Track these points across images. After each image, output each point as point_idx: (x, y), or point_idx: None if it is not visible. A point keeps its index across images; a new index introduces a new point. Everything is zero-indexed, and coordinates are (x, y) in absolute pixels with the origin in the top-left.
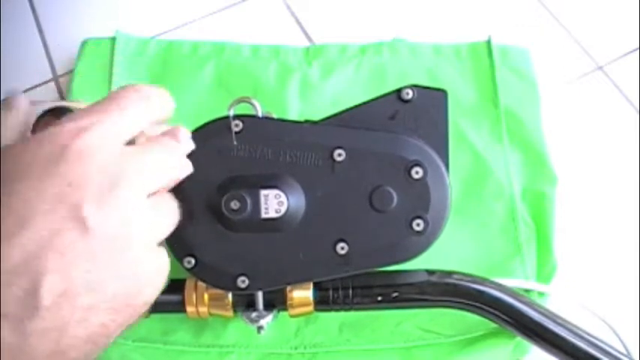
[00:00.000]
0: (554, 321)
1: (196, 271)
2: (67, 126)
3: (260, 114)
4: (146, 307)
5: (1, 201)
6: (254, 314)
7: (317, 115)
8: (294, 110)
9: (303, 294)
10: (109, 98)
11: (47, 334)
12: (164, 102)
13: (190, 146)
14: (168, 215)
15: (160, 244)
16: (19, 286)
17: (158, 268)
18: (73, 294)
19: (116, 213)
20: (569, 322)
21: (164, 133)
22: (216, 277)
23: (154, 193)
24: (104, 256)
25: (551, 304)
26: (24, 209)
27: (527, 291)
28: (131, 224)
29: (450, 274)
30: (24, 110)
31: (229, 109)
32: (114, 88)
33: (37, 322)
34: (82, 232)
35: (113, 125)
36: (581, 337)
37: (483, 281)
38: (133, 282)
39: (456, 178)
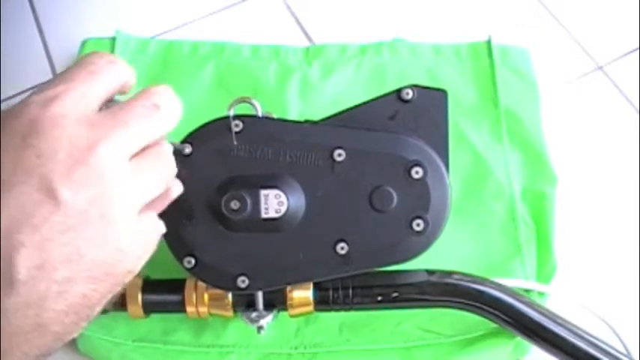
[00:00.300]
0: (554, 321)
1: (196, 271)
2: (36, 98)
3: (260, 114)
4: (130, 276)
5: None
6: (254, 314)
7: (317, 115)
8: (294, 110)
9: (303, 294)
10: (76, 65)
11: (26, 309)
12: (128, 68)
13: (172, 104)
14: (151, 177)
15: (149, 209)
16: None
17: (141, 235)
18: (50, 267)
19: (87, 183)
20: (569, 322)
21: (141, 92)
22: (216, 277)
23: (136, 154)
24: (79, 227)
25: (551, 304)
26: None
27: (527, 291)
28: (104, 194)
29: (450, 274)
30: None
31: (229, 109)
32: None
33: (14, 298)
34: (55, 204)
35: (82, 92)
36: (581, 337)
37: (483, 281)
38: (113, 251)
39: (456, 178)
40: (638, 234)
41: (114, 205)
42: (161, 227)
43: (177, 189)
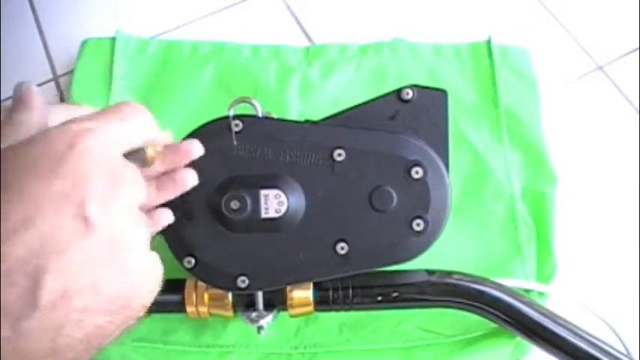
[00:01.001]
0: (554, 321)
1: (196, 271)
2: (74, 126)
3: (260, 114)
4: (143, 310)
5: (7, 198)
6: (254, 314)
7: (317, 115)
8: (294, 110)
9: (303, 294)
10: (109, 108)
11: (44, 334)
12: (150, 121)
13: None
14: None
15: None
16: (20, 284)
17: (154, 270)
18: (71, 295)
19: (118, 213)
20: (569, 322)
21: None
22: (216, 277)
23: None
24: (104, 256)
25: (551, 304)
26: (29, 207)
27: (527, 291)
28: (131, 226)
29: (450, 274)
30: (39, 110)
31: (229, 109)
32: (114, 88)
33: (34, 322)
34: (85, 231)
35: (115, 131)
36: (581, 337)
37: (483, 281)
38: (131, 284)
39: (456, 178)
40: (638, 234)
41: (136, 240)
42: (160, 263)
43: (192, 180)
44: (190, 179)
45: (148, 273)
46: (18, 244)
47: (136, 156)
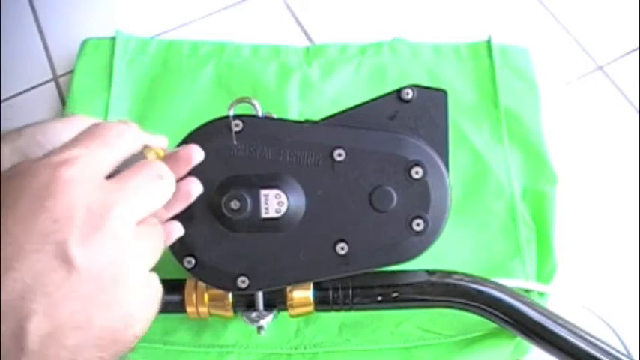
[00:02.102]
0: (554, 321)
1: (196, 271)
2: (52, 159)
3: (260, 114)
4: (136, 341)
5: None
6: (254, 314)
7: (317, 115)
8: (294, 110)
9: (303, 294)
10: (88, 132)
11: None
12: (136, 136)
13: (170, 176)
14: (155, 241)
15: (151, 269)
16: (6, 327)
17: (148, 298)
18: (60, 334)
19: (103, 250)
20: (569, 322)
21: (141, 165)
22: (217, 277)
23: (141, 221)
24: (91, 294)
25: (551, 304)
26: (11, 249)
27: (527, 291)
28: (118, 259)
29: (450, 274)
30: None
31: (229, 109)
32: (114, 88)
33: None
34: (69, 271)
35: (94, 159)
36: (581, 337)
37: (483, 281)
38: (122, 317)
39: (455, 178)
40: (638, 234)
41: (127, 270)
42: (160, 288)
43: (196, 190)
44: (195, 189)
45: (142, 303)
46: (1, 287)
47: (136, 162)
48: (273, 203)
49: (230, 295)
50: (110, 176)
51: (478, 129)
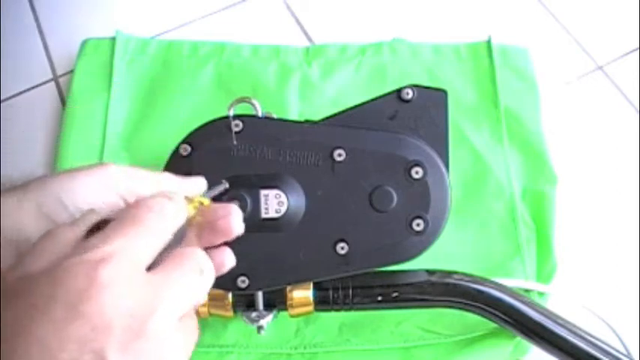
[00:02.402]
0: (554, 321)
1: None
2: (89, 256)
3: (260, 114)
4: None
5: (13, 346)
6: (254, 314)
7: (317, 115)
8: (294, 110)
9: (303, 294)
10: (124, 220)
11: None
12: (180, 211)
13: (211, 269)
14: (192, 334)
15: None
16: None
17: None
18: None
19: (143, 355)
20: (569, 322)
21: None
22: (216, 277)
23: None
24: None
25: (551, 304)
26: (44, 357)
27: (527, 291)
28: (157, 358)
29: (450, 274)
30: (66, 237)
31: (229, 109)
32: (114, 88)
33: None
34: None
35: (136, 249)
36: (581, 337)
37: (483, 281)
38: None
39: (456, 178)
40: (638, 234)
41: None
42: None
43: (230, 262)
44: (228, 262)
45: None
46: None
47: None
48: (273, 203)
49: (230, 295)
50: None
51: (478, 129)
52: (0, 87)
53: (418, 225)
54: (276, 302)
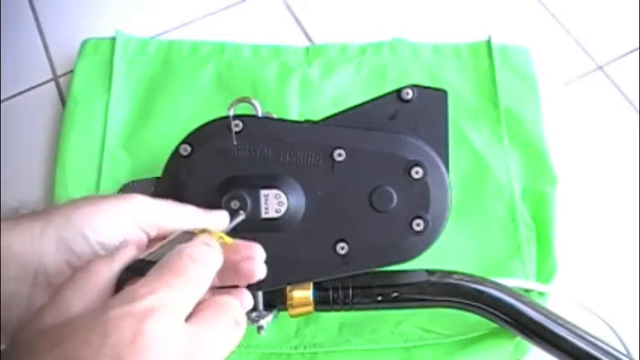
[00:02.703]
0: (554, 321)
1: None
2: (135, 307)
3: (260, 114)
4: None
5: None
6: (254, 314)
7: (317, 115)
8: (294, 110)
9: (303, 294)
10: (167, 269)
11: None
12: (218, 255)
13: (244, 320)
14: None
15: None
16: None
17: None
18: None
19: None
20: (569, 322)
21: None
22: None
23: None
24: None
25: (551, 304)
26: None
27: (527, 291)
28: None
29: (450, 274)
30: (103, 275)
31: (229, 109)
32: (114, 88)
33: None
34: None
35: (180, 301)
36: (581, 337)
37: (483, 281)
38: None
39: (456, 178)
40: (638, 234)
41: None
42: None
43: (248, 304)
44: (247, 304)
45: None
46: None
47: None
48: (273, 203)
49: None
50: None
51: (478, 129)
52: (0, 87)
53: (418, 225)
54: (276, 302)
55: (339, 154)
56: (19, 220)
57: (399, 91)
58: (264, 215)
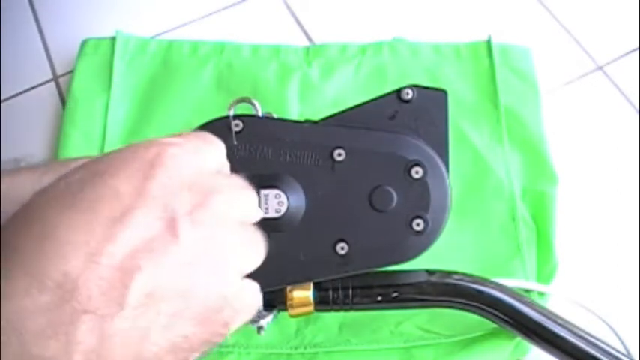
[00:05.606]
0: (554, 321)
1: None
2: (160, 140)
3: (260, 114)
4: (226, 330)
5: (99, 194)
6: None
7: (317, 115)
8: (294, 110)
9: (303, 294)
10: (191, 132)
11: (129, 337)
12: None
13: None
14: (254, 247)
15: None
16: (109, 281)
17: (241, 296)
18: (160, 297)
19: (206, 225)
20: (569, 322)
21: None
22: None
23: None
24: (192, 264)
25: (551, 304)
26: (120, 208)
27: (527, 291)
28: (219, 242)
29: (450, 274)
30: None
31: (229, 109)
32: (114, 88)
33: (121, 322)
34: (174, 236)
35: (201, 149)
36: (581, 337)
37: (483, 281)
38: (218, 297)
39: (456, 178)
40: (638, 234)
41: (224, 255)
42: (259, 298)
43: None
44: None
45: (237, 293)
46: (110, 240)
47: None
48: (273, 203)
49: None
50: None
51: (478, 129)
52: (0, 87)
53: (418, 225)
54: (276, 302)
55: (339, 154)
56: (20, 170)
57: (399, 91)
58: (263, 215)
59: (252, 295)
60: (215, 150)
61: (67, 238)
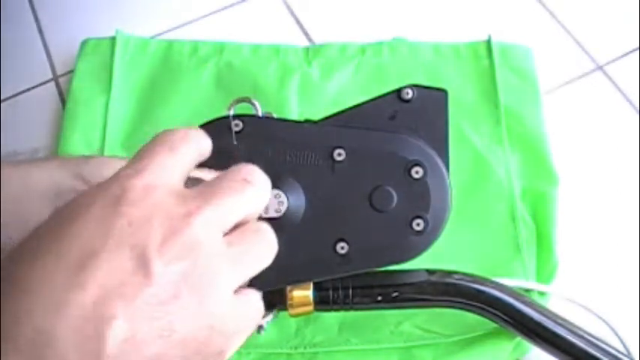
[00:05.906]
0: (554, 321)
1: None
2: (121, 173)
3: (260, 114)
4: (222, 358)
5: (59, 247)
6: None
7: (317, 115)
8: (294, 110)
9: (303, 294)
10: (153, 141)
11: None
12: (203, 139)
13: (262, 179)
14: (249, 256)
15: (246, 286)
16: (82, 332)
17: (236, 315)
18: (140, 341)
19: (180, 255)
20: (569, 322)
21: (229, 170)
22: None
23: (232, 232)
24: (171, 300)
25: (551, 304)
26: (86, 253)
27: (527, 291)
28: (197, 267)
29: (450, 273)
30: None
31: (229, 109)
32: (114, 88)
33: None
34: (146, 275)
35: (167, 166)
36: (581, 337)
37: (484, 281)
38: (204, 328)
39: (456, 178)
40: (638, 234)
41: (206, 281)
42: (260, 307)
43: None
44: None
45: (228, 317)
46: (78, 292)
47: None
48: (273, 203)
49: None
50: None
51: (478, 129)
52: (0, 87)
53: (418, 225)
54: (276, 302)
55: (339, 154)
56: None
57: (399, 91)
58: (263, 215)
59: (249, 309)
60: (183, 156)
61: (33, 290)
